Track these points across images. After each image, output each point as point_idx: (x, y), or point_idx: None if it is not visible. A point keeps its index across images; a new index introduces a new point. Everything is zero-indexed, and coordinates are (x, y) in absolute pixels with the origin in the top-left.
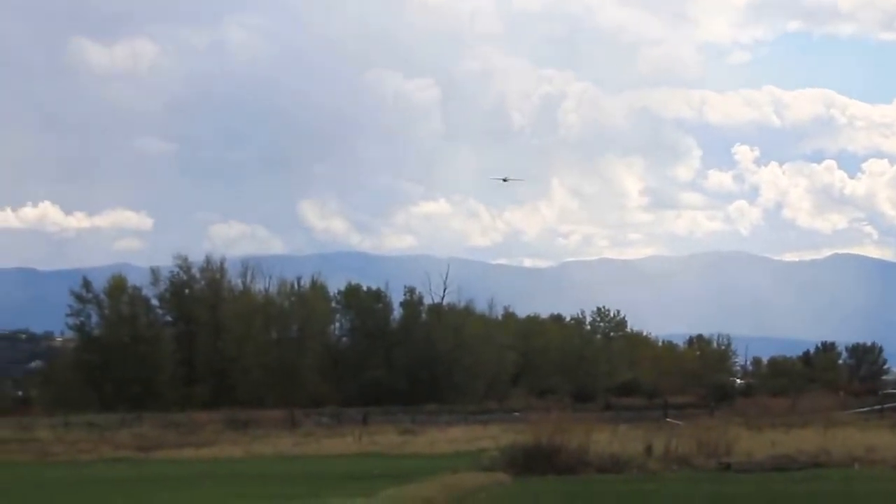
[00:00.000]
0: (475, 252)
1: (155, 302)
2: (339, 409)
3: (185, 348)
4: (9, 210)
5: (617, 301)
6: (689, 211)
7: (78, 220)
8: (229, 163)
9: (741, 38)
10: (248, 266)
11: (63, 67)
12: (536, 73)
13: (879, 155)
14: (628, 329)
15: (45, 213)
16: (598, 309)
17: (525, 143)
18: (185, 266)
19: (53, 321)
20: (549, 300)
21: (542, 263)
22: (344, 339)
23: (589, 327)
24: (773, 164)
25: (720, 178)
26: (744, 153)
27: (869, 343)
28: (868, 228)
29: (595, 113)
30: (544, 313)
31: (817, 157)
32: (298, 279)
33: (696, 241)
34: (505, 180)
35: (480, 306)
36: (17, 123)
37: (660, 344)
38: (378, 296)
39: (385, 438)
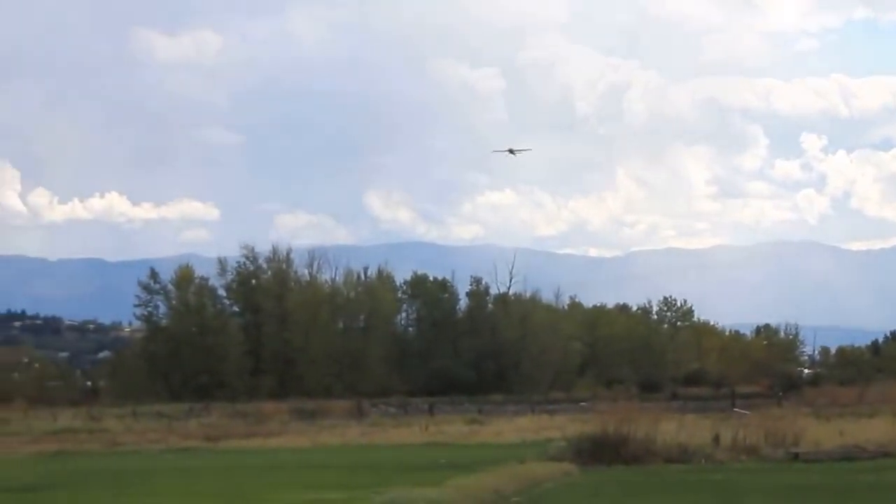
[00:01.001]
0: (541, 241)
1: (222, 292)
2: (405, 399)
3: (252, 338)
4: (77, 201)
5: (683, 290)
6: (755, 200)
7: (145, 211)
8: (295, 153)
9: (808, 25)
10: (315, 256)
11: (129, 59)
12: (601, 62)
13: None
14: (695, 319)
15: (113, 204)
16: (665, 298)
17: (590, 132)
18: (251, 256)
19: (122, 312)
20: (615, 290)
21: (607, 253)
22: (410, 328)
23: (655, 317)
24: (841, 152)
25: (787, 167)
26: (811, 142)
27: None
28: None
29: (660, 102)
30: (610, 303)
31: (885, 146)
32: (365, 269)
33: (762, 231)
34: (511, 152)
35: (546, 296)
36: (85, 115)
37: (727, 333)
38: (444, 285)
39: (452, 428)
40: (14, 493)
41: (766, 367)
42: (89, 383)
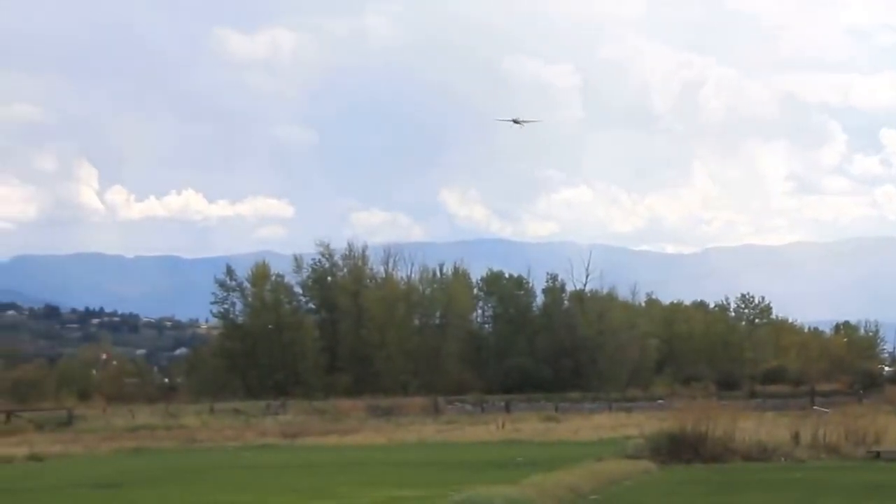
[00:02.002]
0: (617, 238)
1: (298, 289)
2: (481, 397)
3: (328, 336)
4: (153, 198)
5: (761, 287)
6: (833, 196)
7: (221, 209)
8: (370, 150)
9: (888, 19)
10: (390, 253)
11: (205, 57)
12: (677, 58)
13: None
14: (773, 316)
15: (189, 202)
16: (743, 295)
17: (666, 128)
18: (327, 253)
19: (198, 308)
20: (692, 286)
21: (684, 249)
22: (486, 326)
23: (733, 314)
24: None
25: (866, 163)
26: (891, 137)
27: None
28: None
29: (737, 97)
30: (687, 300)
31: None
32: (440, 266)
33: (841, 227)
34: (516, 122)
35: (623, 293)
36: (161, 113)
37: (806, 331)
38: (520, 282)
39: (528, 426)
40: (96, 489)
41: (846, 364)
42: (166, 380)
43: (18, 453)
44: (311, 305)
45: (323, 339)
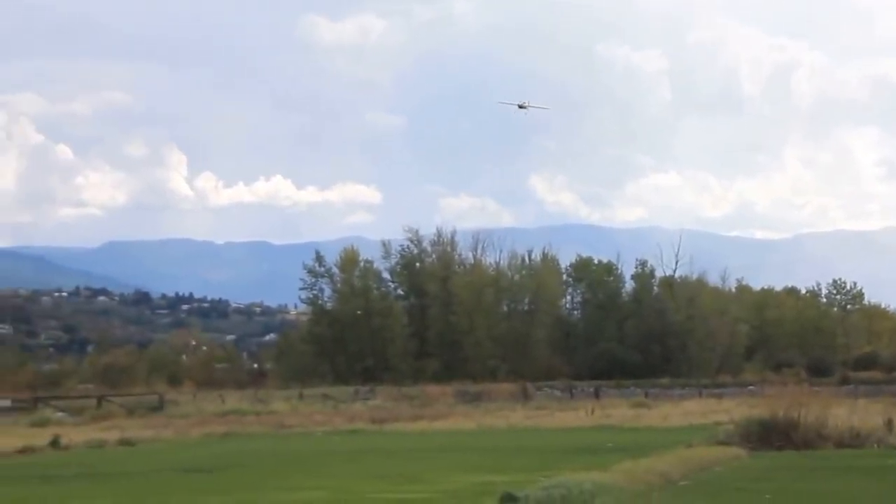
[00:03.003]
0: (706, 223)
1: (386, 275)
2: (570, 383)
3: (417, 321)
4: (242, 185)
5: (853, 273)
6: None
7: (310, 195)
8: (458, 136)
9: None
10: (479, 239)
11: (294, 44)
12: (767, 42)
13: None
14: (866, 301)
15: (278, 188)
16: (834, 281)
17: (756, 112)
18: (415, 239)
19: (287, 295)
20: (783, 272)
21: (775, 235)
22: (575, 311)
23: (825, 300)
24: None
25: None
26: None
27: None
28: None
29: (828, 81)
30: (778, 286)
31: None
32: (529, 252)
33: None
34: (521, 106)
35: (713, 279)
36: (250, 100)
37: None
38: (609, 268)
39: (618, 412)
40: (187, 473)
41: None
42: (256, 366)
43: (110, 438)
44: (400, 291)
45: (411, 324)
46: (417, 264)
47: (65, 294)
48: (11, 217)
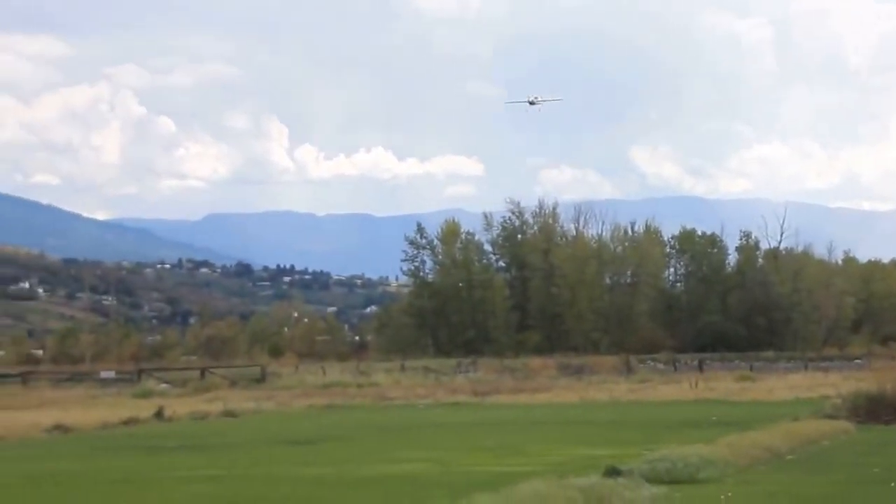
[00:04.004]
0: (812, 195)
1: (488, 247)
2: (673, 356)
3: (518, 294)
4: (343, 156)
5: None
6: None
7: (411, 167)
8: (559, 107)
9: None
10: (581, 211)
11: (393, 14)
12: (875, 10)
13: None
14: None
15: (379, 160)
16: None
17: (862, 82)
18: (517, 211)
19: (388, 267)
20: (891, 244)
21: (882, 206)
22: (678, 284)
23: None
24: None
25: None
26: None
27: None
28: None
29: None
30: (885, 258)
31: None
32: (632, 224)
33: None
34: (532, 103)
35: (819, 251)
36: (350, 71)
37: None
38: (713, 240)
39: (722, 385)
40: (290, 445)
41: None
42: (357, 338)
43: (213, 409)
44: (501, 263)
45: (513, 297)
46: (519, 236)
47: (167, 266)
48: (114, 190)
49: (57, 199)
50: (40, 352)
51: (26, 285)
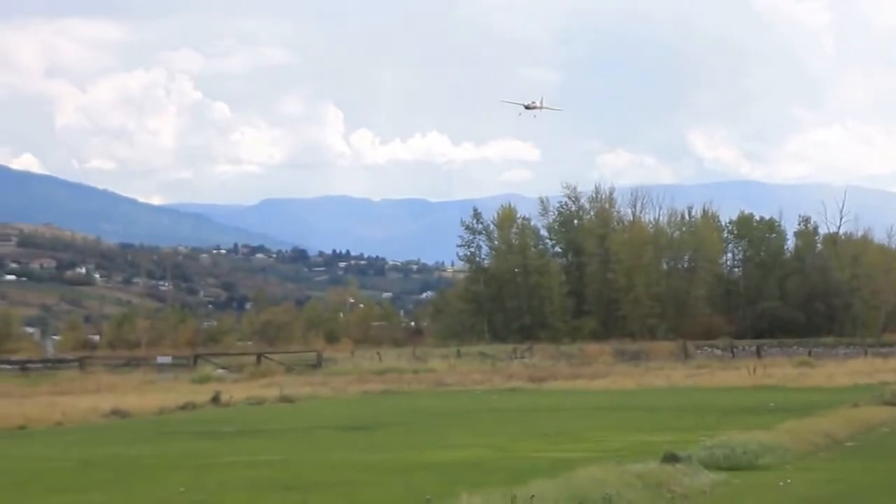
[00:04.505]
0: (872, 180)
1: (544, 232)
2: (731, 341)
3: (574, 279)
4: (398, 141)
5: None
6: None
7: (466, 151)
8: (616, 91)
9: None
10: (638, 196)
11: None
12: None
13: None
14: None
15: (434, 145)
16: None
17: None
18: (573, 196)
19: (444, 252)
20: None
21: None
22: (736, 269)
23: None
24: None
25: None
26: None
27: None
28: None
29: None
30: None
31: None
32: (689, 209)
33: None
34: (528, 107)
35: (879, 236)
36: (406, 55)
37: None
38: (771, 225)
39: (780, 371)
40: (346, 431)
41: None
42: (412, 323)
43: (269, 395)
44: (557, 249)
45: (569, 282)
46: (575, 221)
47: (223, 251)
48: (170, 175)
49: (113, 185)
50: (97, 337)
51: (83, 270)
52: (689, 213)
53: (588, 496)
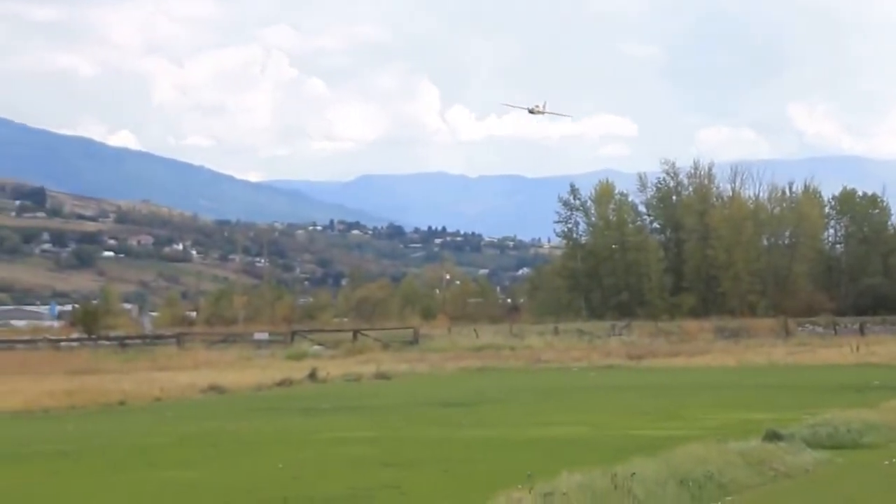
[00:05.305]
0: None
1: (642, 208)
2: (833, 319)
3: (673, 256)
4: (494, 117)
5: None
6: None
7: (563, 127)
8: (714, 66)
9: None
10: (737, 171)
11: None
12: None
13: None
14: None
15: (531, 120)
16: None
17: None
18: (672, 172)
19: (540, 228)
20: None
21: None
22: (838, 245)
23: None
24: None
25: None
26: None
27: None
28: None
29: None
30: None
31: None
32: (790, 184)
33: None
34: (531, 111)
35: None
36: (501, 30)
37: None
38: (874, 201)
39: (884, 349)
40: (444, 407)
41: None
42: (509, 300)
43: (366, 371)
44: (656, 225)
45: (667, 259)
46: (674, 197)
47: (319, 228)
48: (267, 151)
49: (209, 161)
50: (194, 313)
51: (180, 247)
52: (790, 189)
53: (689, 474)
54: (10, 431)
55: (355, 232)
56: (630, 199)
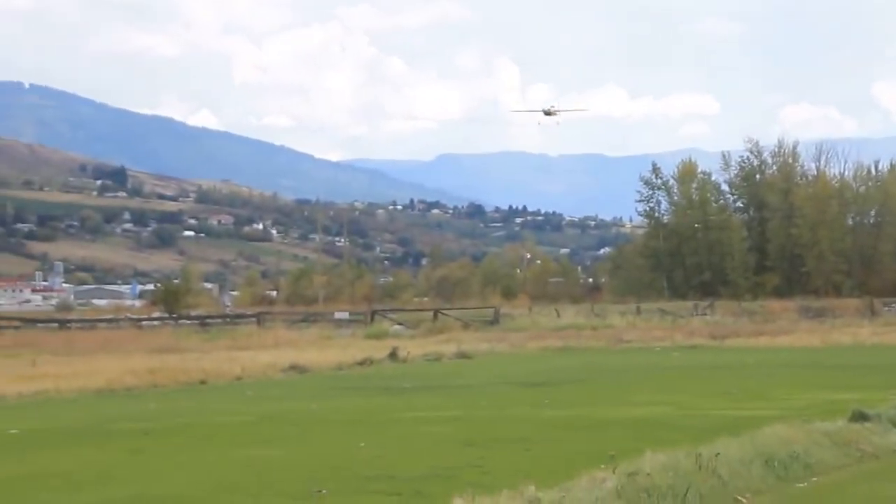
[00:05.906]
0: None
1: (725, 187)
2: None
3: (756, 235)
4: (575, 95)
5: None
6: None
7: (644, 105)
8: (799, 42)
9: None
10: (822, 149)
11: None
12: None
13: None
14: None
15: (611, 99)
16: None
17: None
18: (755, 150)
19: (622, 207)
20: None
21: None
22: None
23: None
24: None
25: None
26: None
27: None
28: None
29: None
30: None
31: None
32: (876, 163)
33: None
34: (547, 113)
35: None
36: (582, 8)
37: None
38: None
39: None
40: (525, 387)
41: None
42: (590, 280)
43: (447, 351)
44: (739, 204)
45: (750, 238)
46: (757, 176)
47: (399, 207)
48: (347, 131)
49: (289, 141)
50: (274, 293)
51: (260, 226)
52: (876, 168)
53: (774, 454)
54: (93, 410)
55: (435, 211)
56: (713, 178)
